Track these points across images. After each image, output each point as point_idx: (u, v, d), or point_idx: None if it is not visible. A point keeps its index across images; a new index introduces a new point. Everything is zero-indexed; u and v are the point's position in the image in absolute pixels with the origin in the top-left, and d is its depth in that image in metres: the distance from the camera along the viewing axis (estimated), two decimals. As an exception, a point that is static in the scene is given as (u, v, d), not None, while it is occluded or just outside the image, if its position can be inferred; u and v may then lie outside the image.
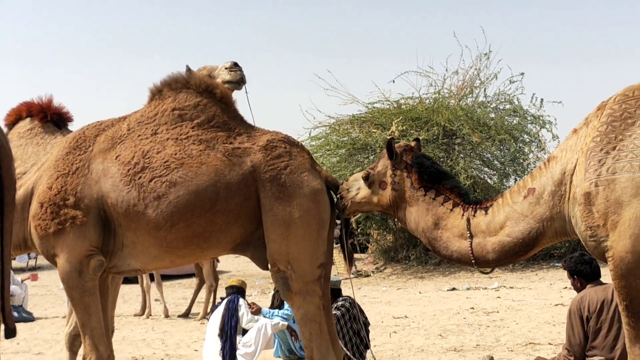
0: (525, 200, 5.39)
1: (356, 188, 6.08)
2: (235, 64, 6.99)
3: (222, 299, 9.20)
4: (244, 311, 8.90)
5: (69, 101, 7.40)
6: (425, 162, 5.88)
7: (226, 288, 9.33)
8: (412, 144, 6.08)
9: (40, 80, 62.23)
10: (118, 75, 63.70)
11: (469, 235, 5.58)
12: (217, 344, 8.73)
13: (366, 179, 5.99)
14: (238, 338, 8.81)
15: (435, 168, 5.88)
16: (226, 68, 6.94)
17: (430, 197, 5.77)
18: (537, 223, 5.34)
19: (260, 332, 8.94)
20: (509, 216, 5.45)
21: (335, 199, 6.02)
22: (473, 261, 5.61)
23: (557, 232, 5.34)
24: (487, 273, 6.16)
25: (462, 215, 5.67)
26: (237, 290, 9.12)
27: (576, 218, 5.07)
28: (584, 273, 7.05)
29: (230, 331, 8.73)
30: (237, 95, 6.91)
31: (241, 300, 8.93)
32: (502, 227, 5.47)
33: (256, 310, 9.59)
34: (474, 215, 5.62)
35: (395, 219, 6.67)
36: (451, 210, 5.72)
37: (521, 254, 5.53)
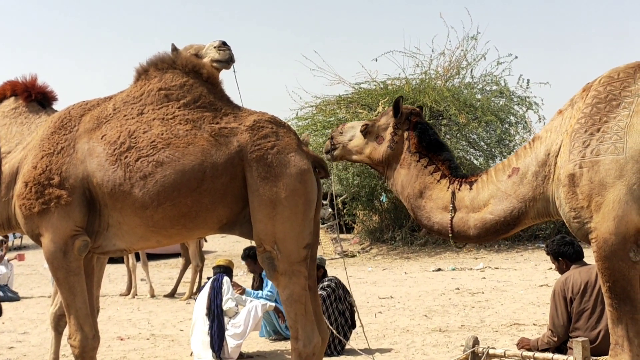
0: (509, 180, 5.41)
1: (350, 135, 6.13)
2: (224, 43, 6.95)
3: (209, 278, 9.19)
4: (225, 288, 8.89)
5: (51, 81, 7.36)
6: (428, 130, 5.90)
7: (213, 268, 9.32)
8: (417, 110, 6.07)
9: (19, 60, 61.82)
10: (99, 55, 63.26)
11: (451, 208, 5.60)
12: (204, 324, 8.72)
13: (364, 129, 6.02)
14: (226, 319, 8.81)
15: (435, 138, 5.89)
16: (214, 47, 6.89)
17: (423, 164, 5.78)
18: (520, 203, 5.36)
19: (250, 313, 8.94)
20: (493, 194, 5.47)
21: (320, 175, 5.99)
22: (450, 235, 5.63)
23: (540, 213, 5.36)
24: (460, 247, 6.25)
25: (448, 187, 5.68)
26: (224, 270, 9.11)
27: (560, 199, 5.08)
28: (568, 254, 7.10)
29: (216, 310, 8.72)
30: (224, 75, 6.89)
31: (225, 279, 8.92)
32: (486, 205, 5.49)
33: (241, 291, 9.60)
34: (459, 189, 5.63)
35: (381, 195, 6.69)
36: (438, 181, 5.74)
37: (502, 232, 5.56)
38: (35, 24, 63.71)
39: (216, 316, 8.69)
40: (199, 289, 9.46)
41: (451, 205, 5.61)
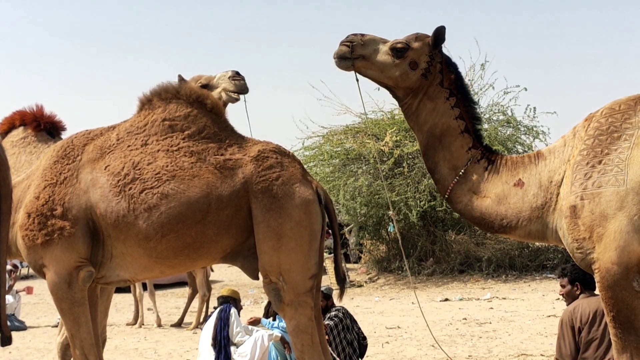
0: (513, 189, 5.42)
1: (372, 48, 5.62)
2: (238, 73, 6.96)
3: (215, 308, 9.17)
4: (234, 320, 8.87)
5: (55, 110, 7.42)
6: (461, 74, 5.74)
7: (218, 298, 9.31)
8: None
9: (22, 86, 62.20)
10: (105, 84, 63.61)
11: (462, 173, 5.55)
12: (210, 354, 8.70)
13: (400, 49, 5.56)
14: (233, 349, 8.78)
15: (467, 87, 5.78)
16: (229, 77, 6.90)
17: (450, 103, 5.60)
18: (514, 216, 5.39)
19: (257, 342, 8.90)
20: (497, 191, 5.46)
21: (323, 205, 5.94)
22: (446, 196, 5.62)
23: (532, 234, 5.39)
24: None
25: (469, 149, 5.59)
26: (229, 300, 9.10)
27: (563, 230, 5.12)
28: (587, 280, 7.01)
29: (223, 341, 8.69)
30: (233, 106, 6.88)
31: (232, 310, 8.90)
32: (486, 196, 5.49)
33: (255, 321, 9.60)
34: (477, 161, 5.56)
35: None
36: (461, 133, 5.60)
37: (485, 229, 5.61)
38: (40, 50, 64.19)
39: (223, 347, 8.65)
40: (206, 318, 9.43)
41: (462, 170, 5.55)
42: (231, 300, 9.09)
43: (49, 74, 64.85)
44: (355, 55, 5.57)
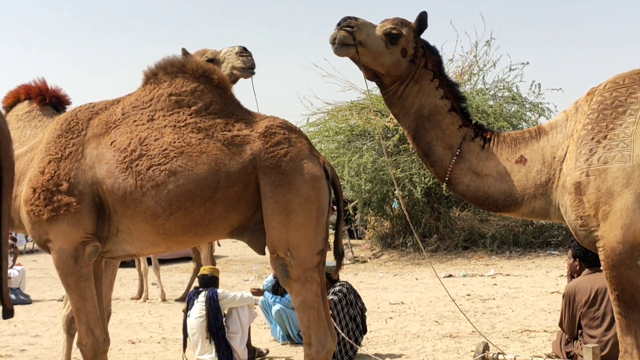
0: (515, 165, 5.38)
1: (366, 33, 5.48)
2: (245, 49, 6.88)
3: (197, 289, 8.93)
4: (227, 297, 8.71)
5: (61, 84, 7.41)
6: (441, 57, 5.76)
7: (198, 277, 9.09)
8: None
9: (28, 61, 62.01)
10: (106, 58, 63.42)
11: (457, 153, 5.51)
12: (208, 346, 8.55)
13: (395, 36, 5.49)
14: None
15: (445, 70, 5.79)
16: (236, 53, 6.82)
17: (435, 85, 5.59)
18: (518, 194, 5.35)
19: (239, 317, 8.74)
20: (498, 169, 5.42)
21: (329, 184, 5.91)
22: (446, 179, 5.55)
23: (536, 211, 5.35)
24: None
25: (460, 126, 5.56)
26: (210, 281, 8.89)
27: (566, 207, 5.07)
28: (587, 258, 7.01)
29: (220, 332, 8.54)
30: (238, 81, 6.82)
31: (219, 293, 8.70)
32: (487, 175, 5.45)
33: (257, 292, 9.59)
34: (472, 139, 5.53)
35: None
36: (449, 111, 5.58)
37: (488, 208, 5.57)
38: (41, 24, 64.02)
39: (221, 338, 8.51)
40: (188, 294, 9.10)
41: (458, 149, 5.50)
42: (211, 280, 8.92)
43: (52, 49, 64.63)
44: (357, 41, 5.43)
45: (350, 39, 5.44)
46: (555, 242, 20.23)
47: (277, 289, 9.83)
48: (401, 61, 5.52)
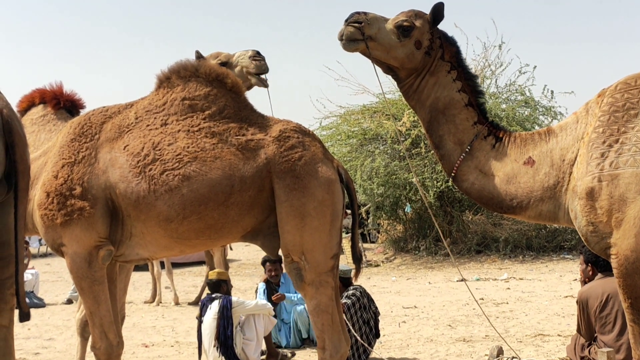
0: (523, 167, 5.28)
1: (377, 27, 5.43)
2: (258, 53, 6.86)
3: (210, 295, 8.90)
4: (242, 304, 8.69)
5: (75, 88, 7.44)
6: (460, 49, 5.64)
7: (208, 283, 9.08)
8: None
9: (37, 67, 62.30)
10: (116, 61, 63.65)
11: (467, 149, 5.44)
12: (217, 352, 8.53)
13: (407, 28, 5.42)
14: (239, 338, 8.57)
15: (465, 62, 5.68)
16: (249, 57, 6.81)
17: (452, 77, 5.50)
18: (524, 196, 5.25)
19: (255, 324, 8.73)
20: (506, 170, 5.32)
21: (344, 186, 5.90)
22: (452, 175, 5.48)
23: (543, 214, 5.25)
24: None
25: (475, 123, 5.47)
26: (216, 285, 8.84)
27: (576, 211, 4.95)
28: (598, 263, 6.99)
29: (228, 341, 8.53)
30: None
31: (234, 300, 8.69)
32: (494, 175, 5.35)
33: (279, 297, 9.59)
34: (484, 137, 5.45)
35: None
36: (465, 106, 5.49)
37: (494, 209, 5.47)
38: (51, 27, 64.37)
39: (229, 347, 8.45)
40: (201, 300, 9.08)
41: (468, 146, 5.42)
42: (219, 285, 8.86)
43: (64, 50, 64.96)
44: (366, 36, 5.39)
45: (359, 34, 5.39)
46: (569, 246, 20.15)
47: (270, 295, 9.83)
48: (415, 53, 5.45)
